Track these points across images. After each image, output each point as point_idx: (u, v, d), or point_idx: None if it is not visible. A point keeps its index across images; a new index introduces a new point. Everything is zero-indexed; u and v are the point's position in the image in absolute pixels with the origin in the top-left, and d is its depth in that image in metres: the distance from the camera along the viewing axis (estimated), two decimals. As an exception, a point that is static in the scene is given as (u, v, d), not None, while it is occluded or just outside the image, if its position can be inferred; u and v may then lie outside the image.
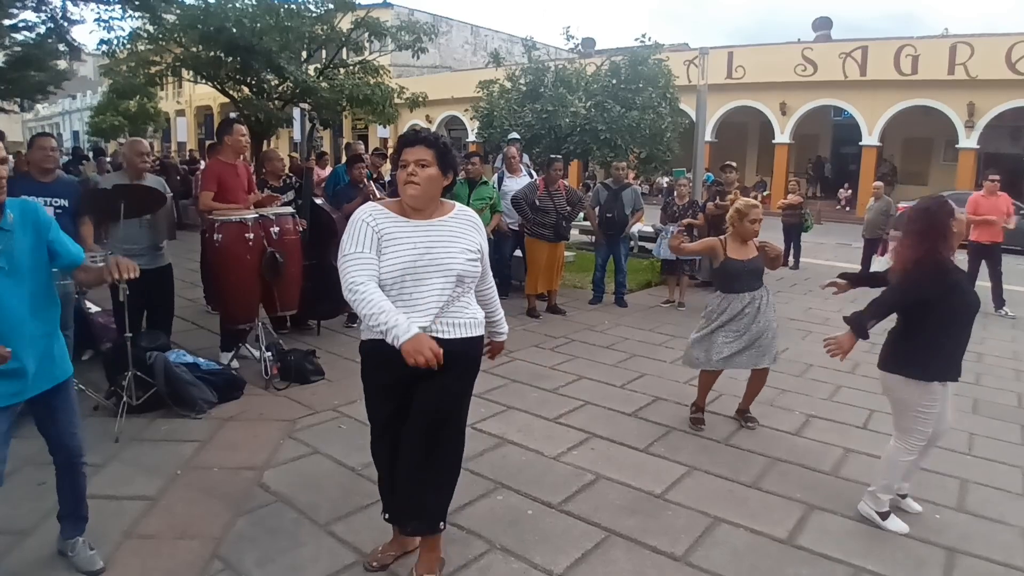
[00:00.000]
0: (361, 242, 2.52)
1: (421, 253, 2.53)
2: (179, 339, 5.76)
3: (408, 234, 2.55)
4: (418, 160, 2.53)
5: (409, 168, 2.53)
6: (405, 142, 2.59)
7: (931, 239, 3.19)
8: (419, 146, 2.56)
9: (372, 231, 2.53)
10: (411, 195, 2.56)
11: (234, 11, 11.42)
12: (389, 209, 2.60)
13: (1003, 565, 3.07)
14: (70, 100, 47.67)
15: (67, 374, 2.79)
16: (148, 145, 5.61)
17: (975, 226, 8.52)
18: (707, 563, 3.01)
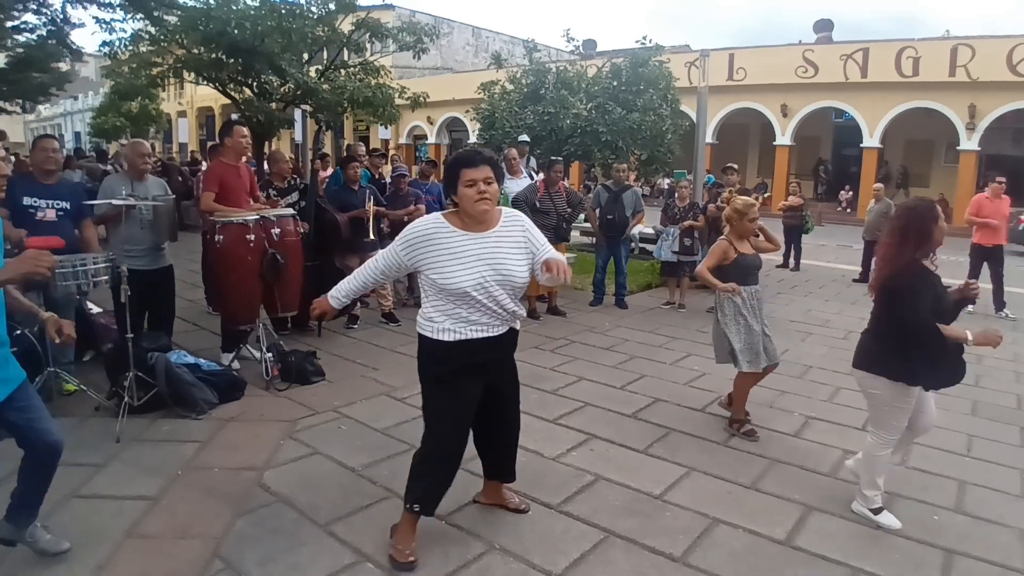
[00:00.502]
0: (408, 246, 2.84)
1: (491, 268, 2.79)
2: (180, 340, 5.77)
3: (474, 248, 2.80)
4: (486, 178, 2.77)
5: (480, 187, 2.75)
6: (465, 162, 2.79)
7: (911, 240, 3.26)
8: (484, 166, 2.79)
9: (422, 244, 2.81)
10: (484, 211, 2.81)
11: (235, 13, 11.45)
12: (450, 222, 2.84)
13: (1000, 567, 3.07)
14: (72, 101, 47.72)
15: (21, 375, 2.72)
16: (150, 146, 5.63)
17: (977, 228, 8.53)
18: (706, 564, 3.02)
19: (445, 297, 2.81)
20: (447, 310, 2.83)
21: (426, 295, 2.91)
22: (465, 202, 2.79)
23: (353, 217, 6.56)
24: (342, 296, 3.05)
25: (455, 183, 2.81)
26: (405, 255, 2.86)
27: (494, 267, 2.80)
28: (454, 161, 2.87)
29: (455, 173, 2.80)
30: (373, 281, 3.05)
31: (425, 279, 2.86)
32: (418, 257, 2.83)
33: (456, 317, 2.83)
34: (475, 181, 2.76)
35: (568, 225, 7.67)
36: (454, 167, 2.83)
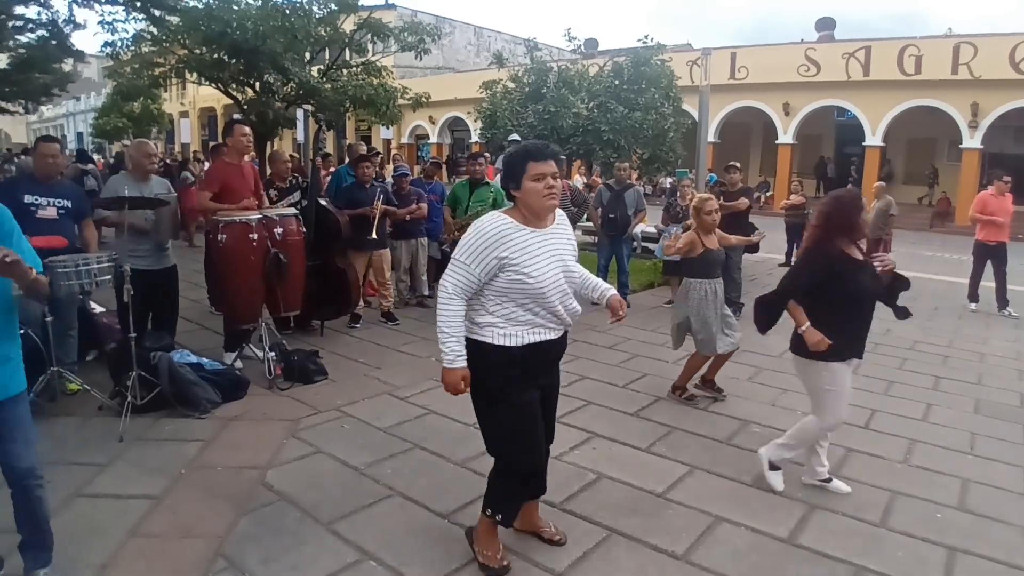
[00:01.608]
0: (479, 257, 2.62)
1: (561, 265, 2.73)
2: (183, 339, 5.78)
3: (546, 245, 2.70)
4: (554, 173, 2.66)
5: (548, 181, 2.64)
6: (534, 155, 2.67)
7: (833, 227, 3.52)
8: (551, 160, 2.68)
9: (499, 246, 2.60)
10: (552, 206, 2.71)
11: (237, 14, 11.45)
12: (513, 219, 2.69)
13: (1004, 564, 3.07)
14: (74, 102, 47.81)
15: (20, 388, 2.55)
16: (155, 146, 5.65)
17: (981, 226, 8.51)
18: (708, 562, 3.02)
19: (513, 300, 2.65)
20: (511, 314, 2.68)
21: (482, 301, 2.69)
22: (532, 197, 2.65)
23: (356, 216, 6.56)
24: (457, 348, 2.66)
25: (519, 176, 2.66)
26: (478, 263, 2.61)
27: (563, 265, 2.74)
28: (521, 153, 2.72)
29: (521, 166, 2.66)
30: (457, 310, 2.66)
31: (496, 282, 2.64)
32: (493, 260, 2.60)
33: (520, 321, 2.69)
34: (543, 175, 2.64)
35: (573, 225, 7.67)
36: (520, 159, 2.68)
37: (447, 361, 2.67)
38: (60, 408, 4.40)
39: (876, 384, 5.59)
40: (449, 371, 2.67)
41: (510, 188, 2.73)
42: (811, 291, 3.53)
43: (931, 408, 5.08)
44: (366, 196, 6.70)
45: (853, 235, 3.54)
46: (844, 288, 3.48)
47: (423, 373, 5.29)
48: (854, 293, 3.50)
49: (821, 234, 3.55)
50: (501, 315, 2.68)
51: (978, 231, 8.63)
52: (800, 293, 3.57)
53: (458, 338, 2.66)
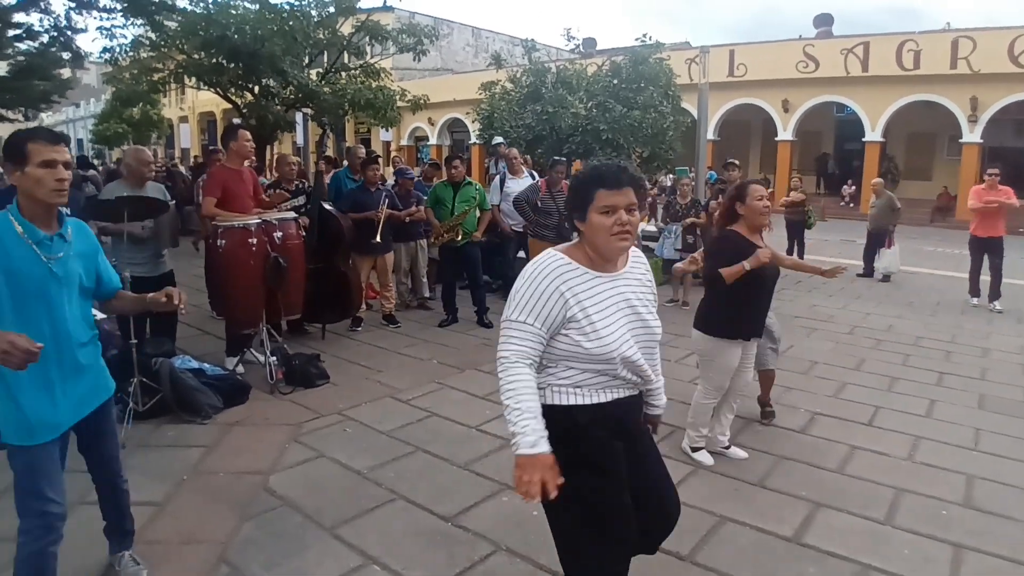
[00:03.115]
0: (538, 311, 2.04)
1: (634, 320, 2.19)
2: (184, 345, 5.78)
3: (613, 295, 2.14)
4: (629, 205, 2.08)
5: (621, 216, 2.06)
6: (605, 181, 2.08)
7: (725, 216, 3.95)
8: (628, 188, 2.08)
9: (561, 299, 2.05)
10: (622, 248, 2.13)
11: (235, 18, 11.46)
12: (575, 260, 2.13)
13: (1011, 561, 3.06)
14: (74, 108, 47.92)
15: (109, 392, 2.70)
16: (152, 153, 5.65)
17: (976, 220, 8.50)
18: (713, 562, 3.01)
19: (575, 365, 2.10)
20: (574, 378, 2.11)
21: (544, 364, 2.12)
22: (598, 235, 2.08)
23: (362, 220, 6.54)
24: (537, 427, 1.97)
25: (585, 206, 2.09)
26: (541, 320, 2.04)
27: (636, 319, 2.19)
28: (589, 178, 2.13)
29: (588, 193, 2.09)
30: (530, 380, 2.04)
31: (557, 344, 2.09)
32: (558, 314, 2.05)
33: (586, 384, 2.12)
34: (615, 208, 2.05)
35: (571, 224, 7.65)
36: (587, 185, 2.11)
37: (528, 442, 1.94)
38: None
39: (880, 381, 5.57)
40: (528, 458, 1.94)
41: (575, 219, 2.17)
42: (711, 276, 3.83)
43: (935, 404, 5.06)
44: (371, 200, 6.68)
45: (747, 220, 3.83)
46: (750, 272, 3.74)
47: (425, 375, 5.28)
48: (753, 278, 3.75)
49: (722, 220, 4.00)
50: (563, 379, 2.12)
51: (972, 226, 8.61)
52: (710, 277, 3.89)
53: (535, 414, 1.99)
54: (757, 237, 3.85)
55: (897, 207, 10.53)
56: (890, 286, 10.04)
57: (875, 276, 10.54)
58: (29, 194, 2.29)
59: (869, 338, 6.98)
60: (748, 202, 3.79)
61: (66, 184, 2.32)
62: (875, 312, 8.23)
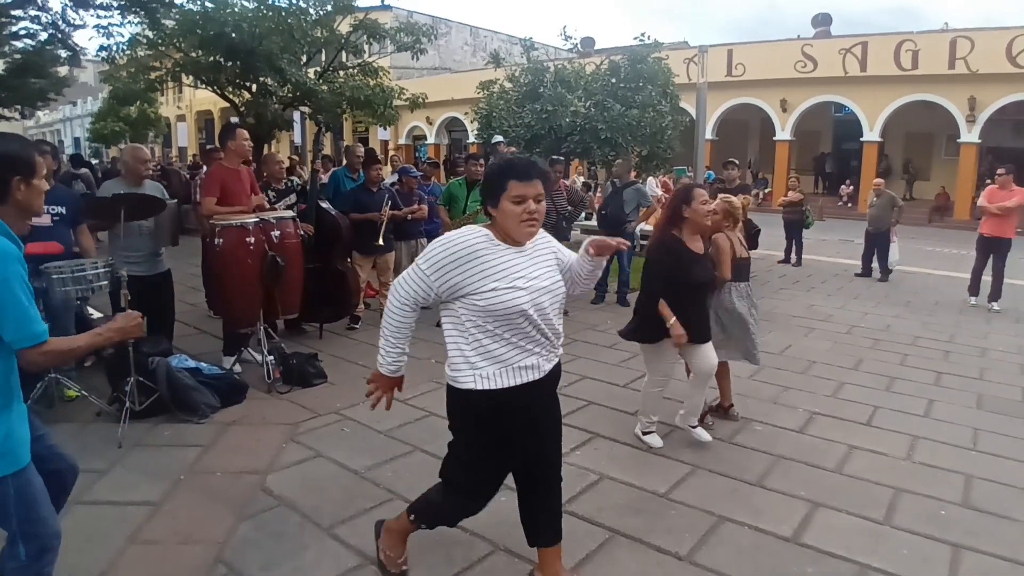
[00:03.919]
0: (442, 269, 2.34)
1: (540, 282, 2.44)
2: (181, 344, 5.76)
3: (522, 263, 2.42)
4: (537, 196, 2.36)
5: (530, 205, 2.35)
6: (517, 173, 2.35)
7: (669, 219, 4.03)
8: (537, 180, 2.37)
9: (466, 266, 2.33)
10: (530, 234, 2.42)
11: (233, 15, 11.43)
12: (491, 233, 2.43)
13: (1009, 561, 3.05)
14: (71, 107, 47.79)
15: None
16: (149, 151, 5.62)
17: (985, 219, 8.53)
18: (712, 562, 3.00)
19: (489, 328, 2.37)
20: (490, 349, 2.39)
21: (461, 332, 2.42)
22: (508, 221, 2.36)
23: (364, 220, 6.52)
24: (400, 360, 2.54)
25: (497, 194, 2.37)
26: (438, 277, 2.34)
27: (542, 281, 2.45)
28: (503, 169, 2.39)
29: (501, 183, 2.36)
30: (406, 320, 2.45)
31: (462, 307, 2.38)
32: (456, 278, 2.33)
33: (501, 359, 2.41)
34: (525, 198, 2.34)
35: (569, 224, 7.65)
36: (501, 176, 2.37)
37: (388, 369, 2.52)
38: (58, 415, 4.37)
39: (878, 380, 5.57)
40: (384, 376, 2.54)
41: (487, 205, 2.45)
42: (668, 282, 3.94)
43: (933, 404, 5.06)
44: (373, 199, 6.65)
45: (682, 226, 3.97)
46: (686, 278, 3.93)
47: (423, 375, 5.26)
48: (693, 282, 3.95)
49: (664, 225, 4.08)
50: (480, 351, 2.40)
51: (981, 225, 8.63)
52: (662, 291, 3.95)
53: (403, 350, 2.50)
54: (698, 240, 4.06)
55: (899, 204, 10.58)
56: (888, 286, 10.04)
57: (874, 276, 10.54)
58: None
59: (867, 338, 6.98)
60: (693, 206, 3.92)
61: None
62: (873, 312, 8.24)
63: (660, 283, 3.96)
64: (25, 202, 2.18)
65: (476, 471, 2.61)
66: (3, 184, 2.12)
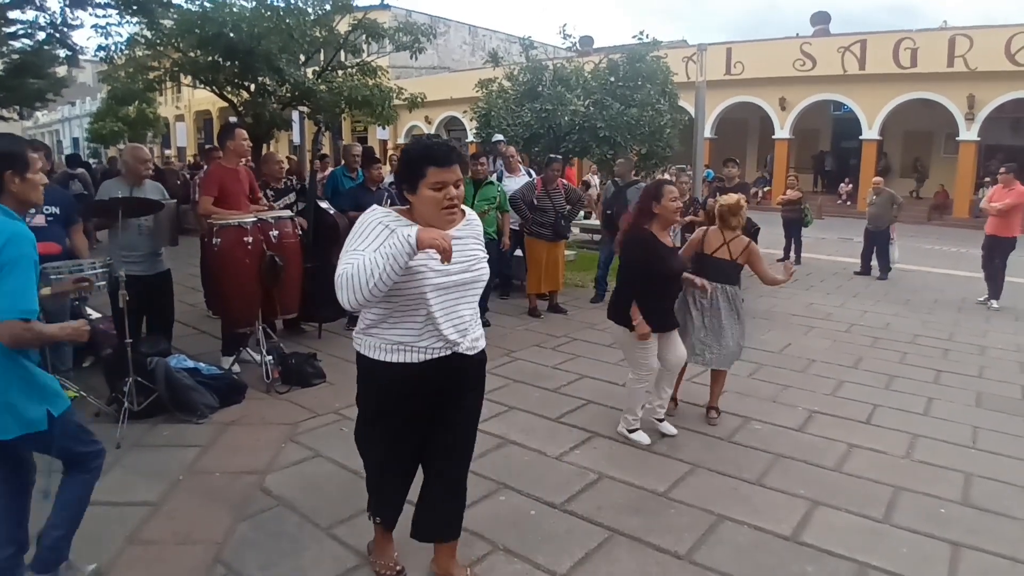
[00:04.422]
0: (368, 242, 2.29)
1: (454, 268, 2.35)
2: (180, 344, 5.75)
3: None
4: (457, 181, 2.32)
5: (450, 191, 2.30)
6: (435, 159, 2.29)
7: (641, 213, 4.12)
8: (455, 166, 2.31)
9: (385, 229, 2.30)
10: (450, 221, 2.36)
11: (231, 15, 11.41)
12: (405, 218, 2.37)
13: (1009, 559, 3.05)
14: (69, 107, 47.71)
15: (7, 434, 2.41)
16: (149, 151, 5.61)
17: (991, 218, 8.55)
18: (711, 561, 3.00)
19: (393, 306, 2.36)
20: (394, 323, 2.40)
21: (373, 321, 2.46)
22: (428, 207, 2.31)
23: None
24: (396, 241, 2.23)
25: (415, 180, 2.31)
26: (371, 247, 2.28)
27: (455, 268, 2.36)
28: (419, 155, 2.31)
29: (419, 169, 2.29)
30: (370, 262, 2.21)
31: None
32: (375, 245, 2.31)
33: (404, 331, 2.39)
34: (444, 184, 2.29)
35: (567, 223, 7.64)
36: (420, 162, 2.30)
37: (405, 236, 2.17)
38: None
39: (877, 379, 5.57)
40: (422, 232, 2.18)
41: (403, 189, 2.37)
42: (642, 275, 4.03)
43: (933, 402, 5.06)
44: (372, 198, 6.63)
45: (653, 221, 4.06)
46: (657, 270, 4.00)
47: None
48: (664, 274, 4.02)
49: (636, 219, 4.17)
50: (385, 324, 2.41)
51: (988, 224, 8.65)
52: (638, 283, 4.05)
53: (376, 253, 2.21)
54: (666, 235, 4.19)
55: (899, 202, 10.58)
56: (887, 284, 10.04)
57: (873, 274, 10.54)
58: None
59: (867, 336, 6.98)
60: (663, 202, 4.03)
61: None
62: (872, 310, 8.24)
63: (637, 274, 4.05)
64: (21, 195, 2.46)
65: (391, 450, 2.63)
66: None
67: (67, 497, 2.64)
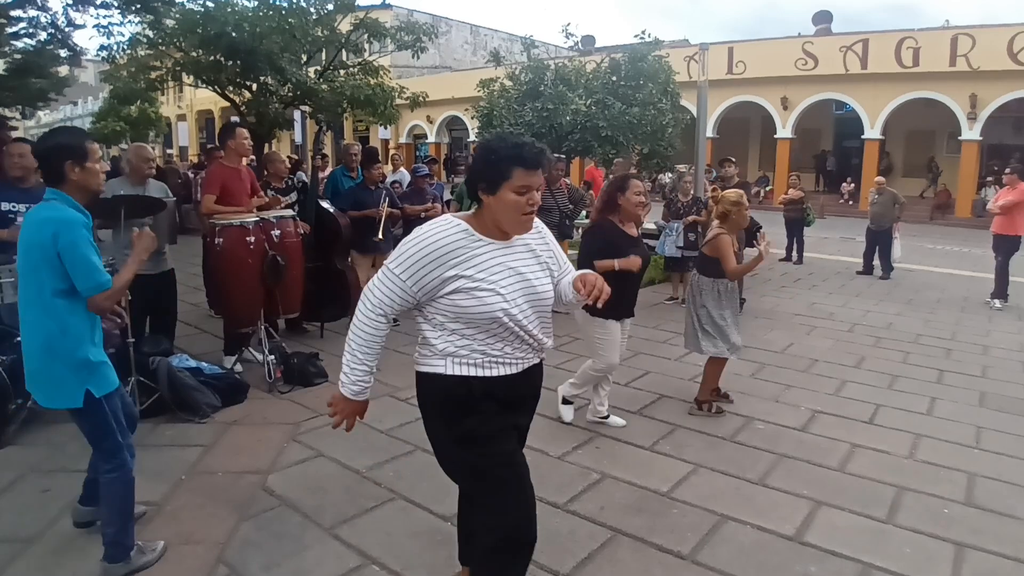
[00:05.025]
0: (415, 271, 2.09)
1: (521, 284, 2.17)
2: (182, 344, 5.75)
3: (501, 259, 2.16)
4: (540, 186, 2.15)
5: (533, 196, 2.11)
6: (527, 162, 2.08)
7: (605, 204, 4.27)
8: (540, 170, 2.14)
9: (443, 266, 2.09)
10: (527, 228, 2.20)
11: (233, 15, 11.42)
12: (471, 227, 2.15)
13: (1013, 560, 3.04)
14: (71, 107, 47.77)
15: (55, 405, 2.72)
16: (152, 150, 5.61)
17: (996, 218, 8.56)
18: (714, 561, 3.00)
19: (461, 326, 2.15)
20: (461, 342, 2.17)
21: (431, 322, 2.21)
22: (507, 212, 2.11)
23: (362, 217, 6.52)
24: (365, 380, 2.25)
25: (498, 182, 2.09)
26: (415, 281, 2.09)
27: (524, 284, 2.18)
28: (508, 155, 2.09)
29: (505, 170, 2.08)
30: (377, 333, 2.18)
31: (432, 309, 2.17)
32: (435, 279, 2.09)
33: (474, 349, 2.17)
34: (529, 188, 2.09)
35: (571, 222, 7.64)
36: (507, 161, 2.08)
37: (350, 390, 2.20)
38: (59, 415, 4.34)
39: (880, 379, 5.56)
40: (347, 400, 2.22)
41: (479, 190, 2.15)
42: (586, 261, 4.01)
43: (936, 402, 5.05)
44: (371, 198, 6.65)
45: (618, 213, 4.18)
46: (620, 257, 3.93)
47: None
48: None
49: (600, 210, 4.31)
50: (452, 342, 2.17)
51: (994, 224, 8.65)
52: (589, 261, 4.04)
53: (369, 368, 2.20)
54: (631, 227, 4.27)
55: (901, 202, 10.57)
56: (890, 283, 10.03)
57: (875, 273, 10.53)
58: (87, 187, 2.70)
59: (869, 336, 6.97)
60: (627, 195, 4.14)
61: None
62: (875, 310, 8.22)
63: (591, 252, 4.11)
64: (82, 182, 2.65)
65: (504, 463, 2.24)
66: (59, 168, 2.61)
67: (103, 494, 2.79)
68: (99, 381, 2.69)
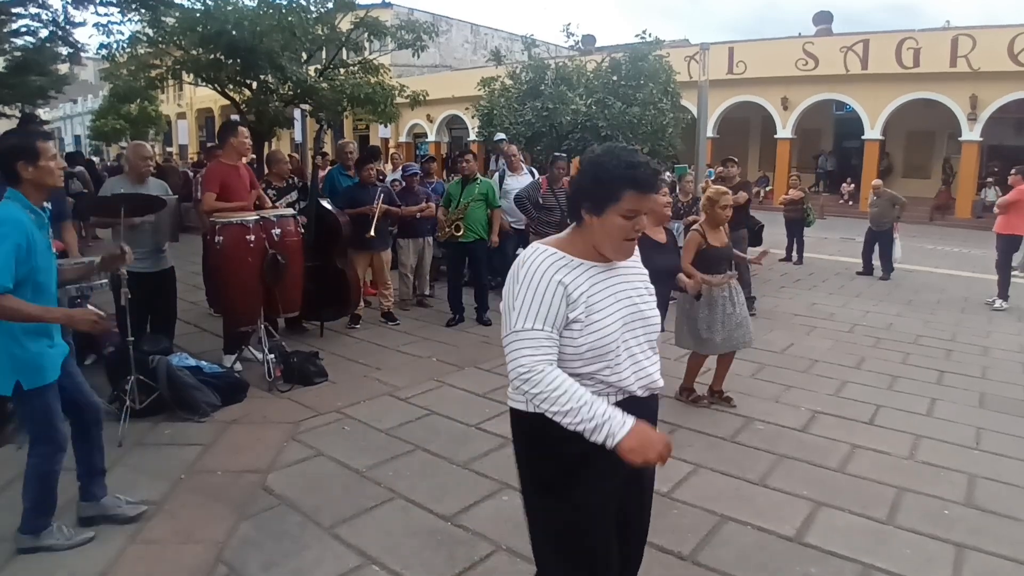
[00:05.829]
0: (544, 314, 1.83)
1: (629, 308, 1.97)
2: (182, 342, 5.75)
3: (607, 283, 1.94)
4: (647, 211, 1.94)
5: (640, 222, 1.89)
6: (641, 184, 1.85)
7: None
8: (655, 195, 1.96)
9: (564, 294, 1.85)
10: (630, 254, 1.99)
11: (233, 13, 11.41)
12: (565, 252, 1.92)
13: (1013, 561, 3.04)
14: (71, 105, 47.72)
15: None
16: (151, 148, 5.60)
17: (1001, 217, 8.56)
18: (714, 562, 2.99)
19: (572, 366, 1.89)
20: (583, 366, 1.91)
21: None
22: (611, 236, 1.88)
23: (357, 215, 6.52)
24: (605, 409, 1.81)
25: (605, 203, 1.86)
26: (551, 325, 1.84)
27: (634, 310, 1.99)
28: (620, 176, 1.84)
29: (615, 192, 1.84)
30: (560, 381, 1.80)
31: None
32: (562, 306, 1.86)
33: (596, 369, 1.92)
34: (638, 213, 1.86)
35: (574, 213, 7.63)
36: (618, 184, 1.84)
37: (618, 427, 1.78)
38: (58, 413, 4.36)
39: (880, 379, 5.56)
40: (632, 436, 1.79)
41: (583, 210, 1.92)
42: None
43: (936, 403, 5.05)
44: (367, 196, 6.65)
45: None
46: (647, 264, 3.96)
47: (424, 373, 5.25)
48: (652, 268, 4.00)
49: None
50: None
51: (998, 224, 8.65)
52: None
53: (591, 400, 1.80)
54: (660, 231, 4.29)
55: (900, 202, 10.56)
56: (890, 284, 10.03)
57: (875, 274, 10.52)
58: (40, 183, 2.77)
59: (869, 336, 6.97)
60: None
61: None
62: (875, 310, 8.22)
63: None
64: (37, 180, 2.73)
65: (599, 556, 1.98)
66: (13, 168, 2.69)
67: (26, 473, 2.92)
68: (31, 374, 2.75)
